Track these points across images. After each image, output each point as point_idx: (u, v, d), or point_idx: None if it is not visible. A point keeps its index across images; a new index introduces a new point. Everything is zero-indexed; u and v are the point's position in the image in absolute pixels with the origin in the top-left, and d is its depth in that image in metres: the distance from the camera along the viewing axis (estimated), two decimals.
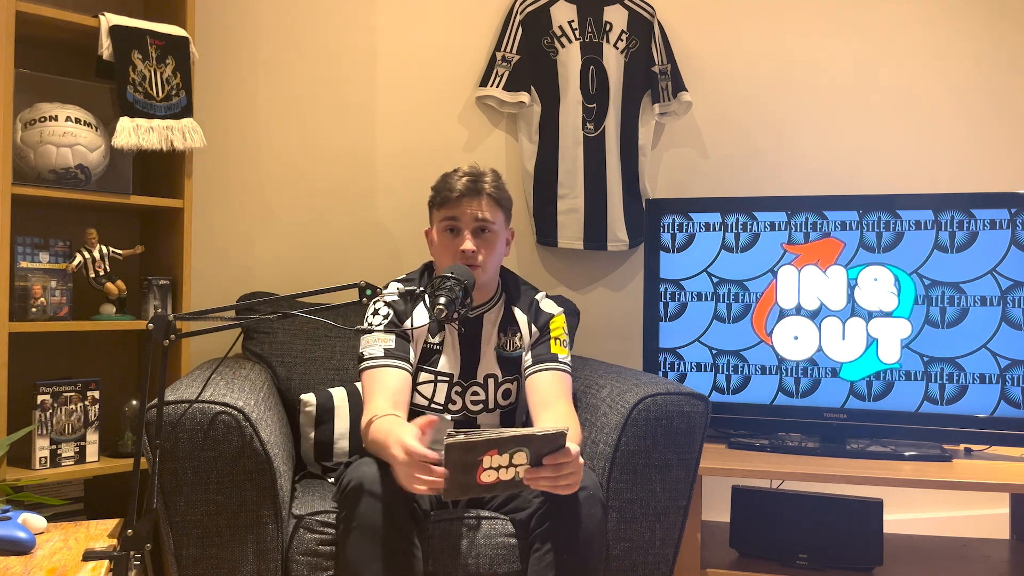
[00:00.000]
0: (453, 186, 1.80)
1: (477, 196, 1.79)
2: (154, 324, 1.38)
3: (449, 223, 1.80)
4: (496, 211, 1.82)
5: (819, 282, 2.29)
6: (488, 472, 1.39)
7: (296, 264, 2.47)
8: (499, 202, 1.83)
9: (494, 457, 1.38)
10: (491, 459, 1.38)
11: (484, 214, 1.79)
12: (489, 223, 1.80)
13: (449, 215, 1.80)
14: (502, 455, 1.38)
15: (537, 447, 1.41)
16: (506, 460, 1.39)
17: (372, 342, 1.77)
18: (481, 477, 1.39)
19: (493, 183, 1.82)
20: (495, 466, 1.39)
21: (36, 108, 1.94)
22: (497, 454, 1.38)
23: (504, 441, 1.38)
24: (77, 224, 2.11)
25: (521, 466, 1.40)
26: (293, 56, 2.46)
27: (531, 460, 1.41)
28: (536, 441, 1.40)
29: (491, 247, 1.80)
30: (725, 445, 2.28)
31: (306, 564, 1.58)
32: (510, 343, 1.87)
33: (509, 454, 1.39)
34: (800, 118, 2.89)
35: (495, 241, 1.81)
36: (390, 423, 1.58)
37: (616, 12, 2.67)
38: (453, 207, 1.79)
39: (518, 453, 1.39)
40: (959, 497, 2.92)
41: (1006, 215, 2.19)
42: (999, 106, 2.98)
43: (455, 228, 1.80)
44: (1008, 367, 2.18)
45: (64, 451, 1.95)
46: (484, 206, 1.79)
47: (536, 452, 1.41)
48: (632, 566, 1.73)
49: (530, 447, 1.40)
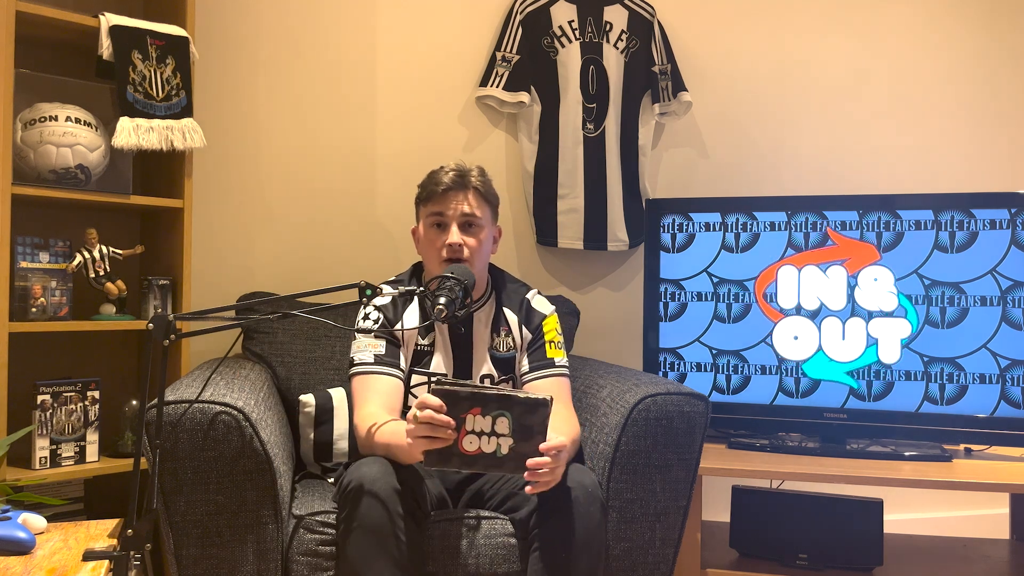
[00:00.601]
0: (439, 180, 1.81)
1: (463, 190, 1.81)
2: (154, 324, 1.38)
3: (436, 218, 1.81)
4: (483, 206, 1.83)
5: (819, 282, 2.29)
6: (470, 439, 1.40)
7: (296, 264, 2.47)
8: (485, 197, 1.85)
9: (477, 418, 1.40)
10: (474, 420, 1.40)
11: (470, 208, 1.80)
12: (476, 217, 1.81)
13: (435, 210, 1.81)
14: (484, 417, 1.40)
15: (519, 414, 1.41)
16: (488, 425, 1.40)
17: (363, 348, 1.77)
18: (463, 444, 1.40)
19: (479, 178, 1.84)
20: (477, 430, 1.40)
21: (36, 108, 1.94)
22: (480, 415, 1.39)
23: (487, 398, 1.40)
24: (77, 224, 2.11)
25: (503, 437, 1.41)
26: (293, 56, 2.46)
27: (513, 430, 1.41)
28: (518, 406, 1.41)
29: (478, 241, 1.81)
30: (725, 445, 2.28)
31: (306, 564, 1.58)
32: (503, 343, 1.87)
33: (492, 417, 1.40)
34: (800, 118, 2.89)
35: (482, 236, 1.82)
36: (395, 424, 1.60)
37: (616, 12, 2.67)
38: (439, 202, 1.81)
39: (500, 418, 1.40)
40: (959, 497, 2.92)
41: (1006, 215, 2.19)
42: (999, 106, 2.98)
43: (441, 223, 1.81)
44: (1008, 367, 2.18)
45: (64, 451, 1.95)
46: (470, 200, 1.81)
47: (519, 421, 1.41)
48: (632, 566, 1.73)
49: (512, 412, 1.40)
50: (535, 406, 1.41)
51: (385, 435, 1.59)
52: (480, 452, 1.40)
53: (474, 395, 1.40)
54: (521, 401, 1.41)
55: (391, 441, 1.57)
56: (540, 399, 1.42)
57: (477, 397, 1.40)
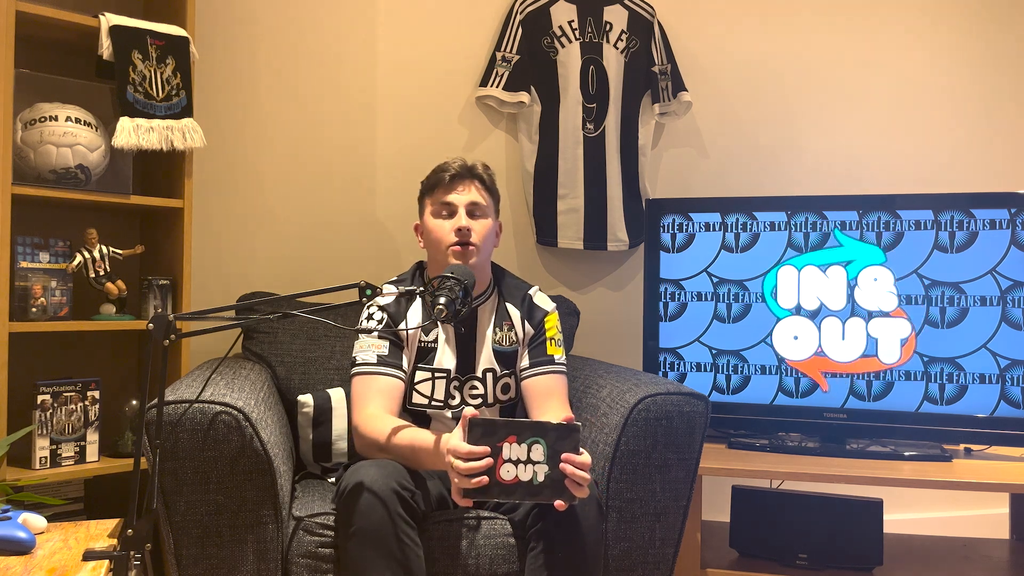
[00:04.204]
0: (447, 169, 1.85)
1: (470, 179, 1.85)
2: (154, 324, 1.38)
3: (443, 207, 1.83)
4: (488, 196, 1.87)
5: (819, 282, 2.29)
6: (507, 467, 1.42)
7: (296, 264, 2.47)
8: (490, 189, 1.89)
9: (513, 446, 1.42)
10: (510, 448, 1.42)
11: (477, 197, 1.84)
12: (482, 206, 1.84)
13: (443, 199, 1.84)
14: (520, 445, 1.42)
15: (553, 440, 1.43)
16: (524, 452, 1.43)
17: (366, 347, 1.78)
18: (501, 473, 1.42)
19: (484, 170, 1.88)
20: (514, 458, 1.43)
21: (36, 108, 1.94)
22: (516, 442, 1.42)
23: (522, 426, 1.43)
24: (77, 224, 2.11)
25: (539, 464, 1.43)
26: (293, 56, 2.46)
27: (548, 456, 1.43)
28: (552, 432, 1.43)
29: (485, 228, 1.84)
30: (725, 445, 2.28)
31: (305, 567, 1.58)
32: (506, 338, 1.87)
33: (527, 445, 1.43)
34: (800, 118, 2.89)
35: (487, 225, 1.85)
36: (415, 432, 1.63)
37: (616, 12, 2.67)
38: (446, 190, 1.83)
39: (535, 445, 1.43)
40: (959, 497, 2.92)
41: (1006, 215, 2.19)
42: (999, 106, 2.98)
43: (449, 211, 1.83)
44: (1008, 367, 2.18)
45: (64, 451, 1.95)
46: (477, 189, 1.85)
47: (552, 447, 1.43)
48: (632, 566, 1.73)
49: (546, 439, 1.43)
50: (568, 432, 1.44)
51: (406, 439, 1.61)
52: (518, 481, 1.43)
53: (509, 423, 1.44)
54: (555, 428, 1.44)
55: (415, 445, 1.59)
56: (573, 425, 1.45)
57: (512, 425, 1.44)
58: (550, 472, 1.43)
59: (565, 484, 1.43)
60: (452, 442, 1.46)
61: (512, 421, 1.45)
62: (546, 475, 1.43)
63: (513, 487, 1.43)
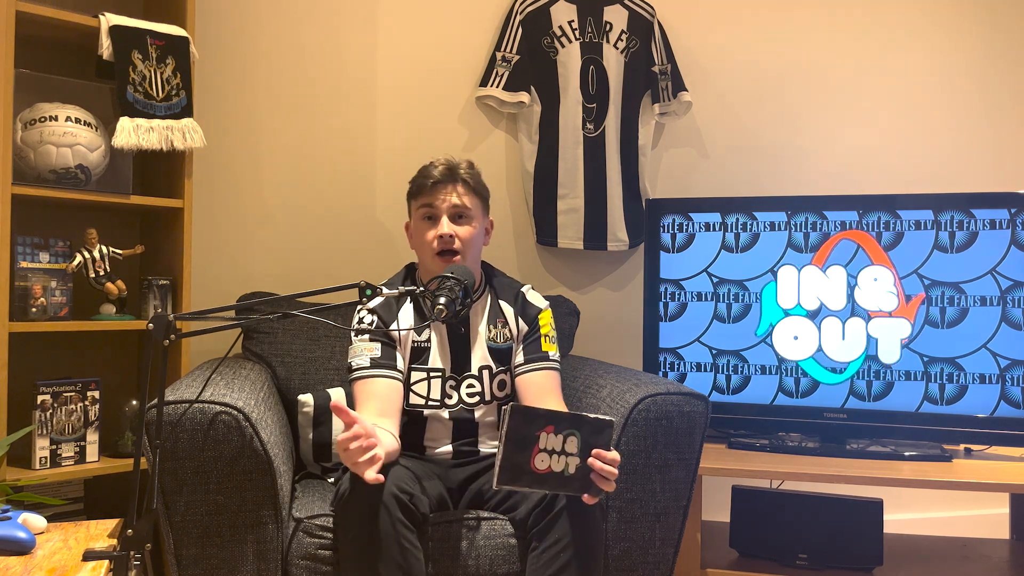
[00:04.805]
0: (429, 174, 1.84)
1: (453, 183, 1.83)
2: (154, 324, 1.38)
3: (426, 210, 1.84)
4: (472, 198, 1.86)
5: (819, 282, 2.29)
6: (542, 457, 1.43)
7: (296, 264, 2.47)
8: (475, 190, 1.87)
9: (549, 436, 1.43)
10: (547, 437, 1.43)
11: (460, 200, 1.83)
12: (466, 209, 1.83)
13: (426, 202, 1.83)
14: (557, 435, 1.43)
15: (587, 434, 1.45)
16: (559, 444, 1.44)
17: (359, 352, 1.78)
18: (535, 462, 1.43)
19: (468, 171, 1.86)
20: (549, 448, 1.43)
21: (36, 108, 1.94)
22: (553, 433, 1.43)
23: (560, 416, 1.44)
24: (77, 224, 2.11)
25: (571, 456, 1.44)
26: (293, 56, 2.46)
27: (580, 450, 1.45)
28: (587, 425, 1.45)
29: (469, 233, 1.83)
30: (725, 445, 2.28)
31: (305, 568, 1.58)
32: (500, 335, 1.88)
33: (563, 436, 1.44)
34: (800, 118, 2.89)
35: (473, 227, 1.84)
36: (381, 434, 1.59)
37: (616, 12, 2.67)
38: (429, 195, 1.83)
39: (571, 437, 1.44)
40: (959, 497, 2.92)
41: (1006, 215, 2.19)
42: (999, 106, 2.98)
43: (432, 215, 1.83)
44: (1008, 367, 2.18)
45: (64, 451, 1.95)
46: (460, 192, 1.83)
47: (586, 440, 1.45)
48: (632, 566, 1.73)
49: (581, 431, 1.44)
50: (602, 427, 1.46)
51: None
52: (550, 471, 1.44)
53: (549, 414, 1.44)
54: (591, 421, 1.45)
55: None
56: (607, 420, 1.46)
57: (551, 415, 1.44)
58: (581, 465, 1.45)
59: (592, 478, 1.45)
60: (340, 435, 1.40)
61: (551, 412, 1.45)
62: (577, 467, 1.45)
63: (545, 476, 1.44)
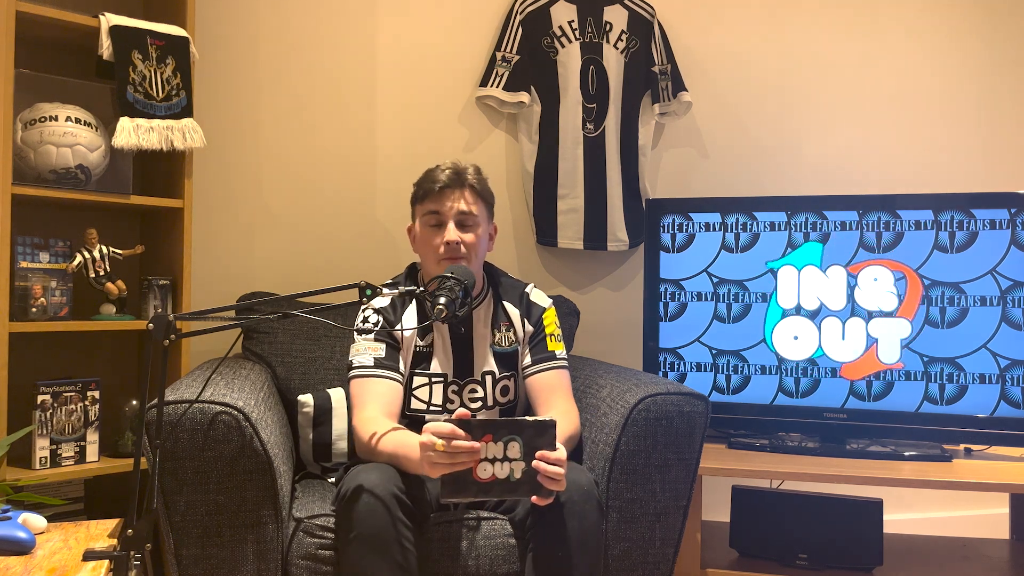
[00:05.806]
0: (436, 179, 1.82)
1: (459, 188, 1.81)
2: (154, 324, 1.38)
3: (432, 217, 1.82)
4: (479, 203, 1.84)
5: (819, 282, 2.29)
6: (484, 466, 1.44)
7: (296, 264, 2.47)
8: (481, 195, 1.85)
9: (489, 445, 1.44)
10: (486, 447, 1.44)
11: (466, 206, 1.81)
12: (472, 215, 1.82)
13: (432, 208, 1.81)
14: (496, 443, 1.44)
15: (529, 437, 1.45)
16: (500, 451, 1.44)
17: (362, 350, 1.77)
18: (477, 472, 1.43)
19: (475, 176, 1.85)
20: (490, 456, 1.44)
21: (36, 108, 1.94)
22: (492, 441, 1.43)
23: (497, 424, 1.45)
24: (77, 224, 2.11)
25: (516, 461, 1.45)
26: (293, 56, 2.46)
27: (524, 454, 1.45)
28: (528, 429, 1.45)
29: (474, 238, 1.81)
30: (725, 445, 2.28)
31: (306, 568, 1.58)
32: (504, 338, 1.87)
33: (503, 443, 1.44)
34: (800, 118, 2.89)
35: (478, 233, 1.83)
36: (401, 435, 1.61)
37: (616, 12, 2.67)
38: (435, 200, 1.81)
39: (512, 443, 1.44)
40: (959, 497, 2.92)
41: (1006, 215, 2.19)
42: (999, 106, 2.98)
43: (438, 221, 1.81)
44: (1008, 367, 2.18)
45: (64, 451, 1.95)
46: (466, 198, 1.82)
47: (528, 444, 1.45)
48: (632, 566, 1.73)
49: (523, 436, 1.44)
50: (544, 428, 1.46)
51: (390, 444, 1.59)
52: (494, 479, 1.45)
53: (485, 423, 1.45)
54: (530, 425, 1.45)
55: (398, 451, 1.57)
56: (548, 421, 1.46)
57: (487, 425, 1.45)
58: (527, 468, 1.45)
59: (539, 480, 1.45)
60: (434, 424, 1.44)
61: (487, 421, 1.45)
62: (523, 471, 1.45)
63: (490, 485, 1.44)
